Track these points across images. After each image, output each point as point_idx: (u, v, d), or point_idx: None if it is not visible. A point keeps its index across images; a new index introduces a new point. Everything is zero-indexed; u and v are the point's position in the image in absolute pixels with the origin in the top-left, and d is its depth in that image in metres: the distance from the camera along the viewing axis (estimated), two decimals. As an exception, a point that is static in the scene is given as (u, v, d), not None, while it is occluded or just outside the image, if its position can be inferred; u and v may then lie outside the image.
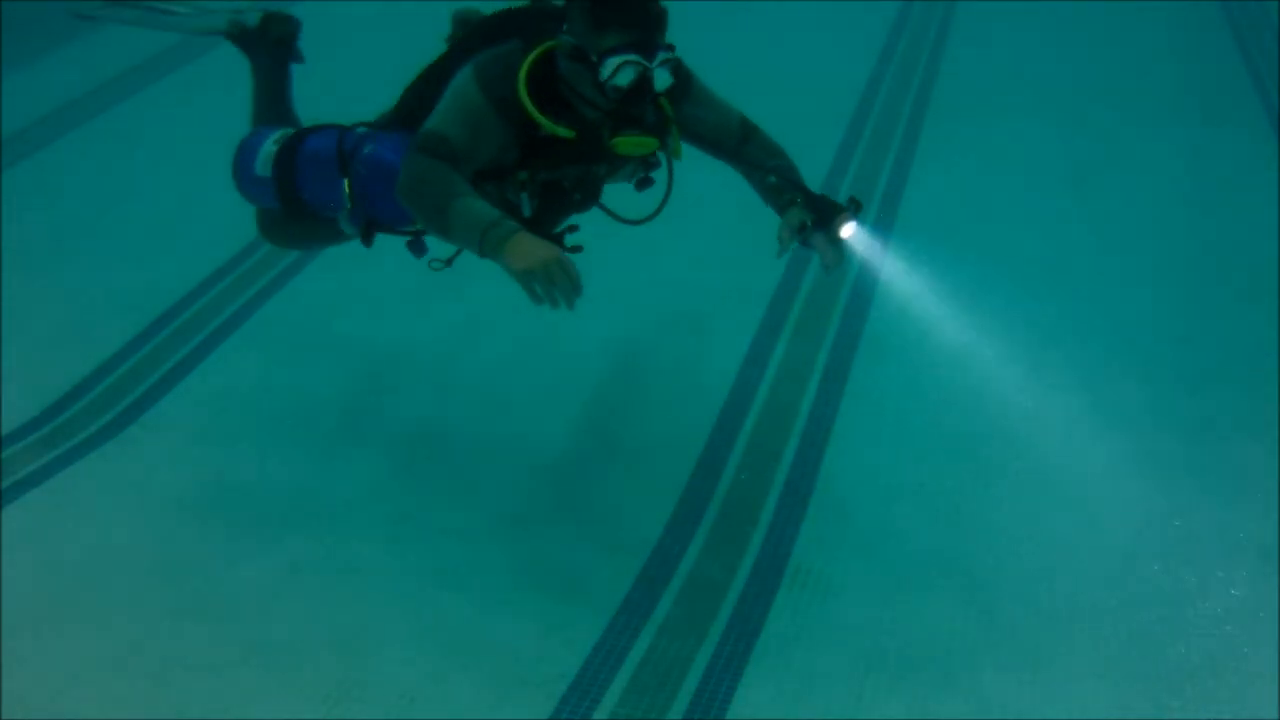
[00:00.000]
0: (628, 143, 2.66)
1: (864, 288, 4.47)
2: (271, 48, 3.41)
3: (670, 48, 2.61)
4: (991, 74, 6.47)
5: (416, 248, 3.07)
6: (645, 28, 2.59)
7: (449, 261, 3.01)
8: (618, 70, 2.56)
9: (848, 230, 2.75)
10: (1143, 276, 4.62)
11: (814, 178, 2.98)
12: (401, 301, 4.42)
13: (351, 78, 5.21)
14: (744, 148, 2.91)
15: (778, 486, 3.58)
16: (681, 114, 2.82)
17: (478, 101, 2.67)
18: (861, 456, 3.71)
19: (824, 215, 2.75)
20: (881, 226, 4.47)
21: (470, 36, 2.87)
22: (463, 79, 2.71)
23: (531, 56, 2.67)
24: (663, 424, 3.84)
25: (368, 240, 3.01)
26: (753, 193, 2.98)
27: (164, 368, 4.17)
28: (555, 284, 2.48)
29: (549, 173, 2.82)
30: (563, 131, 2.68)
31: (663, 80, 2.61)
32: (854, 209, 2.77)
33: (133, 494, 3.55)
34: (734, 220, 4.32)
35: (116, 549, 3.33)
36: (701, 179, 3.05)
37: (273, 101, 3.42)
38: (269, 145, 3.10)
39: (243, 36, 3.43)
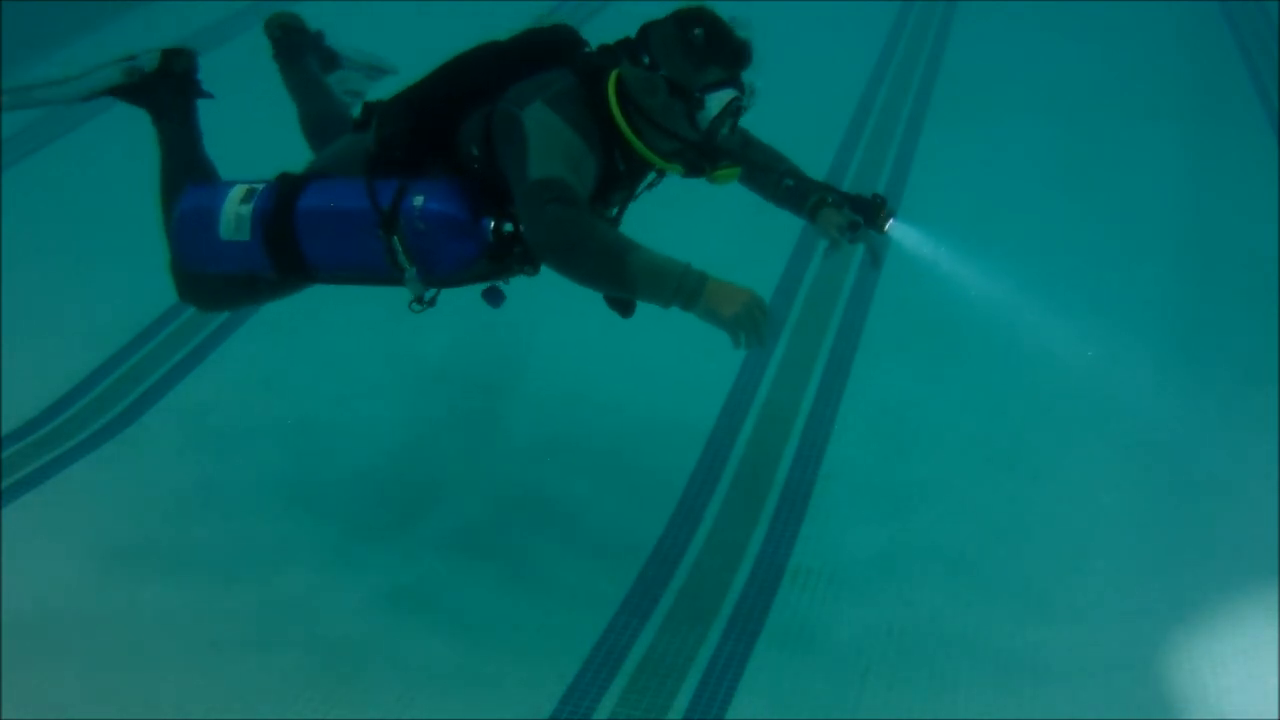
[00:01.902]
0: (727, 173, 2.73)
1: (864, 286, 4.47)
2: (176, 87, 3.09)
3: None
4: (991, 73, 6.47)
5: (494, 296, 2.89)
6: (742, 63, 2.63)
7: (432, 301, 2.84)
8: (729, 106, 2.60)
9: (889, 225, 2.86)
10: (1143, 275, 4.62)
11: (814, 177, 2.98)
12: (395, 306, 4.42)
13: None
14: (746, 152, 2.92)
15: (778, 486, 3.58)
16: None
17: (574, 141, 2.58)
18: (862, 455, 3.71)
19: (868, 213, 2.84)
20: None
21: (474, 67, 2.78)
22: (544, 119, 2.57)
23: (613, 91, 2.64)
24: (663, 424, 3.84)
25: (428, 300, 2.81)
26: (748, 195, 2.98)
27: (164, 368, 4.17)
28: (759, 327, 2.45)
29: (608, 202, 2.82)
30: (675, 168, 2.69)
31: (747, 110, 2.65)
32: (881, 203, 2.86)
33: (132, 494, 3.55)
34: (731, 220, 4.32)
35: (116, 548, 3.32)
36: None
37: (189, 153, 3.09)
38: (233, 206, 2.80)
39: (142, 84, 3.09)
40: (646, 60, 2.61)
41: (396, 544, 3.37)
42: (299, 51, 3.41)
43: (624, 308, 2.78)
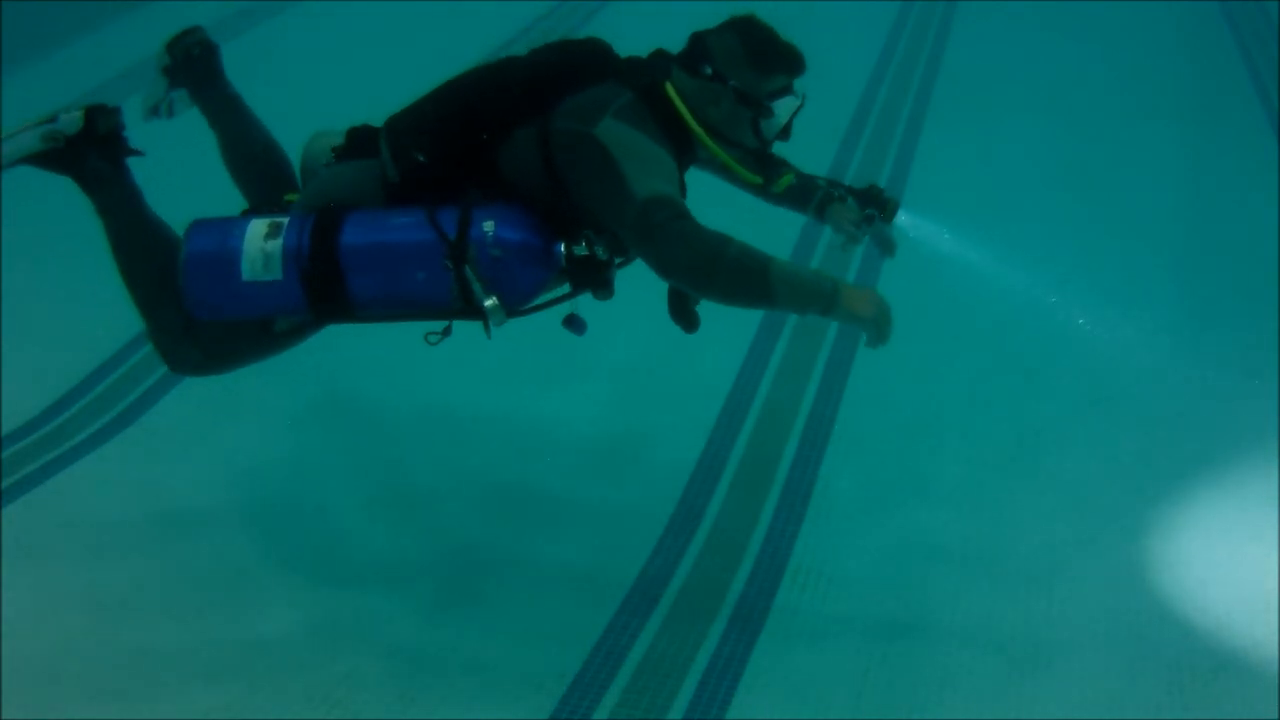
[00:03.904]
0: (785, 181, 2.73)
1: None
2: (103, 150, 2.80)
3: None
4: (991, 73, 6.47)
5: (576, 324, 2.73)
6: (801, 69, 2.63)
7: (446, 332, 2.74)
8: (796, 113, 2.60)
9: (896, 215, 2.92)
10: (1143, 274, 4.62)
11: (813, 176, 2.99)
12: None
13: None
14: None
15: (778, 486, 3.59)
16: None
17: (661, 155, 2.49)
18: (861, 455, 3.71)
19: (878, 205, 2.88)
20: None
21: (504, 85, 2.61)
22: (625, 136, 2.46)
23: (681, 104, 2.57)
24: (663, 424, 3.85)
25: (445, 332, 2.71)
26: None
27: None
28: (890, 323, 2.46)
29: None
30: (754, 178, 2.67)
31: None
32: (880, 193, 2.90)
33: (132, 495, 3.54)
34: (727, 223, 4.32)
35: (116, 549, 3.32)
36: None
37: (136, 215, 2.83)
38: (256, 244, 2.55)
39: (67, 149, 2.77)
40: (709, 70, 2.57)
41: (393, 544, 3.37)
42: (218, 73, 3.12)
43: (689, 323, 2.73)
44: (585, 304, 2.74)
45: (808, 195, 2.92)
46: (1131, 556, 3.27)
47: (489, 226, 2.50)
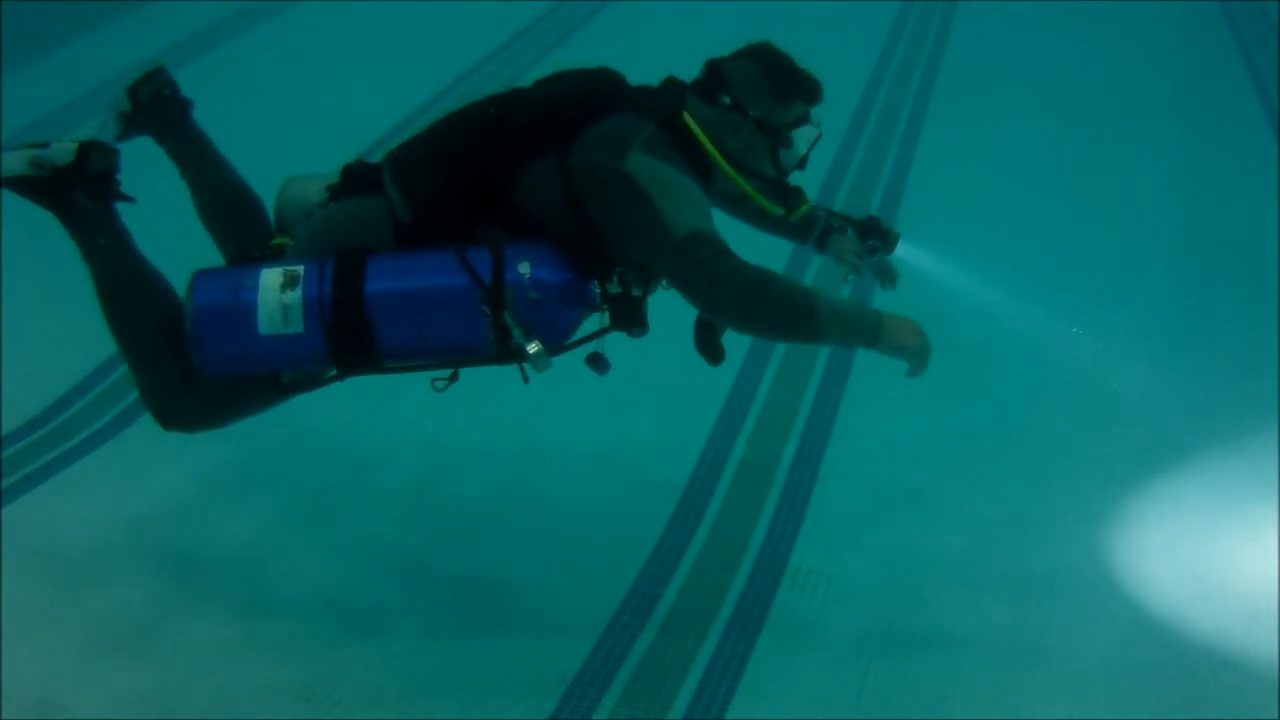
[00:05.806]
0: (804, 210, 2.70)
1: (863, 288, 4.47)
2: (91, 188, 2.64)
3: None
4: (991, 73, 6.47)
5: (600, 364, 2.66)
6: (819, 97, 2.61)
7: (453, 377, 2.67)
8: (815, 142, 2.60)
9: (896, 245, 2.95)
10: (1142, 275, 4.63)
11: (814, 179, 2.99)
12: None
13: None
14: None
15: (778, 486, 3.59)
16: None
17: (693, 188, 2.42)
18: (862, 456, 3.71)
19: (880, 235, 2.90)
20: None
21: (516, 115, 2.51)
22: (656, 170, 2.38)
23: (702, 134, 2.51)
24: (663, 424, 3.85)
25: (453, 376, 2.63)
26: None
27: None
28: (930, 353, 2.44)
29: None
30: (775, 209, 2.64)
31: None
32: (877, 223, 2.93)
33: (132, 494, 3.55)
34: (730, 227, 4.32)
35: (116, 548, 3.33)
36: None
37: (126, 264, 2.65)
38: (272, 295, 2.41)
39: (53, 179, 2.62)
40: (727, 99, 2.54)
41: (396, 545, 3.37)
42: (187, 116, 3.02)
43: (714, 355, 2.68)
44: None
45: (808, 226, 2.91)
46: (1130, 557, 3.27)
47: (525, 268, 2.40)
